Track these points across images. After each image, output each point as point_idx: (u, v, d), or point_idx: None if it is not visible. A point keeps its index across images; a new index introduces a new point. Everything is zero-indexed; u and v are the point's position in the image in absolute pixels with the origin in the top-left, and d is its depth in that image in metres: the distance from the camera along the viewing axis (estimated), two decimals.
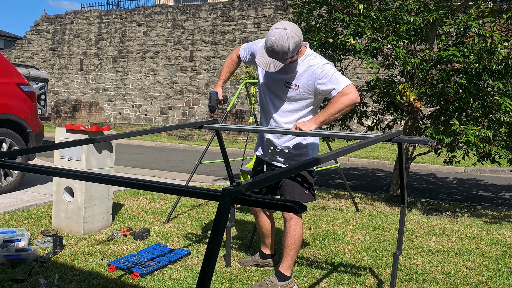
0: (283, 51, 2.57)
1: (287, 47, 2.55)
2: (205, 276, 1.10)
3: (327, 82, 2.69)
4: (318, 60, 2.74)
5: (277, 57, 2.60)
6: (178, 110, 20.03)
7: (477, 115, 5.02)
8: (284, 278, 2.88)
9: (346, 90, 2.65)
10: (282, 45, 2.55)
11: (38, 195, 5.17)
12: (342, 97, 2.64)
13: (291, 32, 2.57)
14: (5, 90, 5.27)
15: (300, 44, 2.64)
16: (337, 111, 2.66)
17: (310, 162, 1.63)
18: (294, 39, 2.57)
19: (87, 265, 3.11)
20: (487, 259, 3.66)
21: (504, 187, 8.38)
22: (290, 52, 2.58)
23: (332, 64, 2.78)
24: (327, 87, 2.69)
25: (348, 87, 2.65)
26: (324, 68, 2.70)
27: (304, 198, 2.89)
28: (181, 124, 2.76)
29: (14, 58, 23.60)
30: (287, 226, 2.90)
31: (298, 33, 2.61)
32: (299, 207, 1.14)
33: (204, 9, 19.72)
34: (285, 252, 2.90)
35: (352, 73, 16.54)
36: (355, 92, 2.65)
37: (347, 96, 2.64)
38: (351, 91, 2.64)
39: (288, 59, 2.63)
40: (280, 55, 2.59)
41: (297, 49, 2.63)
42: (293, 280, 2.95)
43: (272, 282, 2.86)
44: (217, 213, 1.15)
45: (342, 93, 2.64)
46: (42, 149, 2.10)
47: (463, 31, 4.87)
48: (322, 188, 6.80)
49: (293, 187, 2.89)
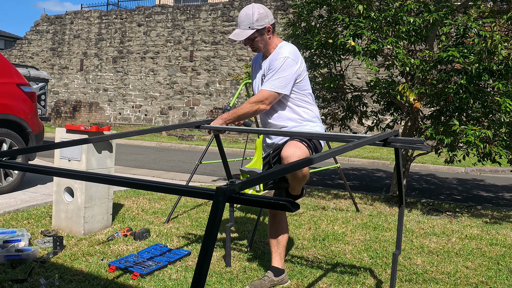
0: (247, 19, 2.72)
1: (251, 14, 2.71)
2: (200, 275, 1.11)
3: (270, 74, 2.75)
4: (283, 50, 2.77)
5: (244, 26, 2.74)
6: (178, 110, 20.03)
7: (477, 115, 5.02)
8: (280, 272, 2.95)
9: (262, 95, 2.71)
10: (247, 13, 2.73)
11: (38, 195, 5.17)
12: (251, 104, 2.73)
13: (257, 5, 2.78)
14: (5, 91, 5.27)
15: (267, 18, 2.74)
16: (243, 114, 2.78)
17: (304, 162, 1.64)
18: (259, 10, 2.73)
19: (87, 265, 3.11)
20: (487, 259, 3.66)
21: (505, 187, 8.38)
22: (254, 20, 2.70)
23: (296, 60, 2.74)
24: (266, 81, 2.76)
25: (266, 93, 2.70)
26: (279, 60, 2.73)
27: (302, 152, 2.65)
28: (178, 124, 2.78)
29: (14, 58, 23.60)
30: (276, 219, 2.97)
31: (266, 9, 2.77)
32: (292, 205, 1.15)
33: (204, 9, 19.72)
34: (277, 245, 2.96)
35: (352, 73, 16.54)
36: (268, 103, 2.71)
37: (255, 105, 2.72)
38: (265, 99, 2.70)
39: (254, 29, 2.72)
40: (246, 23, 2.72)
41: (263, 20, 2.72)
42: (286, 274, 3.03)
43: (269, 278, 2.90)
44: (211, 212, 1.16)
45: (257, 98, 2.72)
46: (42, 149, 2.10)
47: (463, 31, 4.87)
48: (322, 188, 6.80)
49: None
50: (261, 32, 2.74)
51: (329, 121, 6.47)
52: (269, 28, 2.76)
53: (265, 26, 2.73)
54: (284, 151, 2.61)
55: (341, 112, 6.40)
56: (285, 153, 2.61)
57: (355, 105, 6.26)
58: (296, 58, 2.75)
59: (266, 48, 2.82)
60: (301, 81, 2.80)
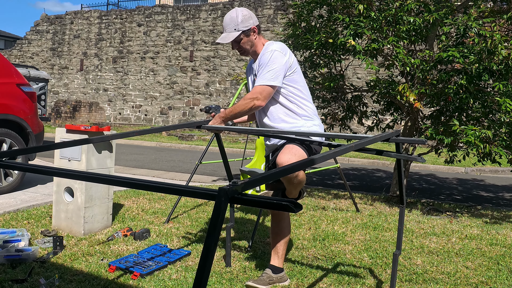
0: (232, 21, 2.78)
1: (235, 17, 2.77)
2: (202, 275, 1.10)
3: (260, 71, 2.75)
4: (270, 46, 2.79)
5: (229, 29, 2.80)
6: (178, 110, 20.02)
7: (477, 115, 5.02)
8: (279, 270, 2.95)
9: (256, 90, 2.70)
10: (231, 16, 2.80)
11: (38, 195, 5.17)
12: (246, 101, 2.72)
13: (241, 8, 2.85)
14: (5, 91, 5.27)
15: (251, 19, 2.79)
16: (240, 112, 2.77)
17: (306, 162, 1.63)
18: (243, 12, 2.80)
19: (87, 265, 3.11)
20: (487, 259, 3.66)
21: (505, 187, 8.38)
22: (239, 21, 2.76)
23: (284, 53, 2.74)
24: (257, 77, 2.77)
25: (259, 88, 2.69)
26: (266, 54, 2.74)
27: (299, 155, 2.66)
28: (179, 124, 2.77)
29: (14, 58, 23.60)
30: (277, 218, 2.97)
31: (249, 12, 2.84)
32: (295, 206, 1.15)
33: (204, 9, 19.72)
34: (277, 244, 2.96)
35: (352, 73, 16.54)
36: (263, 98, 2.69)
37: (250, 101, 2.71)
38: (258, 94, 2.68)
39: (240, 30, 2.76)
40: (231, 26, 2.78)
41: (247, 21, 2.78)
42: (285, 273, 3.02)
43: (268, 275, 2.90)
44: (213, 212, 1.15)
45: (251, 94, 2.72)
46: (42, 149, 2.10)
47: (463, 31, 4.87)
48: (322, 188, 6.80)
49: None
50: (246, 33, 2.79)
51: (329, 121, 6.47)
52: (254, 29, 2.81)
53: (250, 27, 2.79)
54: (280, 158, 2.61)
55: (341, 112, 6.40)
56: (280, 160, 2.61)
57: (355, 105, 6.26)
58: (284, 51, 2.75)
59: (254, 49, 2.85)
60: (292, 74, 2.77)
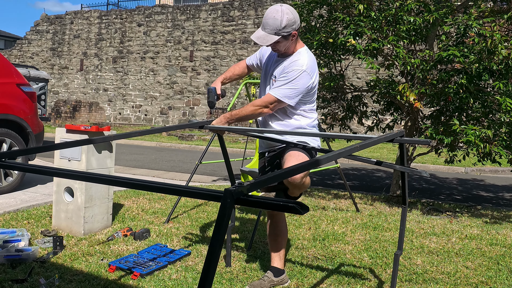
0: (275, 24, 2.58)
1: (279, 20, 2.57)
2: (207, 277, 1.10)
3: (281, 78, 2.68)
4: (302, 60, 2.68)
5: (269, 31, 2.60)
6: (178, 110, 20.02)
7: (477, 115, 5.02)
8: (280, 273, 2.94)
9: (268, 100, 2.66)
10: (275, 17, 2.58)
11: (38, 195, 5.17)
12: (255, 107, 2.68)
13: (286, 8, 2.61)
14: (5, 90, 5.27)
15: (295, 24, 2.62)
16: (246, 116, 2.73)
17: (311, 163, 1.62)
18: (288, 15, 2.58)
19: (87, 265, 3.11)
20: (487, 259, 3.66)
21: (505, 187, 8.38)
22: (282, 27, 2.58)
23: (311, 75, 2.67)
24: (275, 83, 2.71)
25: (272, 99, 2.65)
26: (295, 71, 2.64)
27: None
28: (181, 124, 2.76)
29: (14, 58, 23.60)
30: (275, 220, 2.96)
31: (294, 13, 2.63)
32: (301, 207, 1.13)
33: (204, 9, 19.72)
34: (277, 246, 2.96)
35: (352, 73, 16.54)
36: (272, 107, 2.67)
37: (259, 108, 2.68)
38: (269, 104, 2.66)
39: (280, 35, 2.60)
40: (272, 28, 2.59)
41: (290, 27, 2.60)
42: (286, 274, 3.02)
43: (269, 279, 2.89)
44: (219, 214, 1.14)
45: (262, 101, 2.67)
46: (42, 149, 2.09)
47: (463, 31, 4.87)
48: (322, 188, 6.79)
49: None
50: (286, 37, 2.65)
51: (329, 121, 6.47)
52: (295, 33, 2.67)
53: (291, 33, 2.63)
54: (286, 166, 2.61)
55: (341, 112, 6.40)
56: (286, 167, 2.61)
57: (355, 105, 6.26)
58: (312, 72, 2.69)
59: (286, 50, 2.74)
60: (310, 93, 2.76)
